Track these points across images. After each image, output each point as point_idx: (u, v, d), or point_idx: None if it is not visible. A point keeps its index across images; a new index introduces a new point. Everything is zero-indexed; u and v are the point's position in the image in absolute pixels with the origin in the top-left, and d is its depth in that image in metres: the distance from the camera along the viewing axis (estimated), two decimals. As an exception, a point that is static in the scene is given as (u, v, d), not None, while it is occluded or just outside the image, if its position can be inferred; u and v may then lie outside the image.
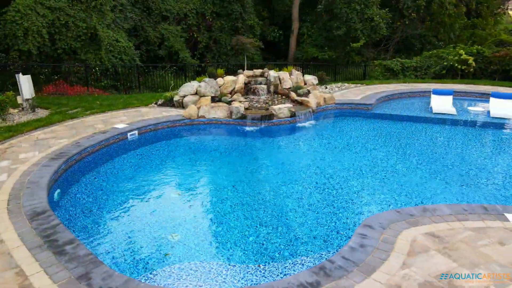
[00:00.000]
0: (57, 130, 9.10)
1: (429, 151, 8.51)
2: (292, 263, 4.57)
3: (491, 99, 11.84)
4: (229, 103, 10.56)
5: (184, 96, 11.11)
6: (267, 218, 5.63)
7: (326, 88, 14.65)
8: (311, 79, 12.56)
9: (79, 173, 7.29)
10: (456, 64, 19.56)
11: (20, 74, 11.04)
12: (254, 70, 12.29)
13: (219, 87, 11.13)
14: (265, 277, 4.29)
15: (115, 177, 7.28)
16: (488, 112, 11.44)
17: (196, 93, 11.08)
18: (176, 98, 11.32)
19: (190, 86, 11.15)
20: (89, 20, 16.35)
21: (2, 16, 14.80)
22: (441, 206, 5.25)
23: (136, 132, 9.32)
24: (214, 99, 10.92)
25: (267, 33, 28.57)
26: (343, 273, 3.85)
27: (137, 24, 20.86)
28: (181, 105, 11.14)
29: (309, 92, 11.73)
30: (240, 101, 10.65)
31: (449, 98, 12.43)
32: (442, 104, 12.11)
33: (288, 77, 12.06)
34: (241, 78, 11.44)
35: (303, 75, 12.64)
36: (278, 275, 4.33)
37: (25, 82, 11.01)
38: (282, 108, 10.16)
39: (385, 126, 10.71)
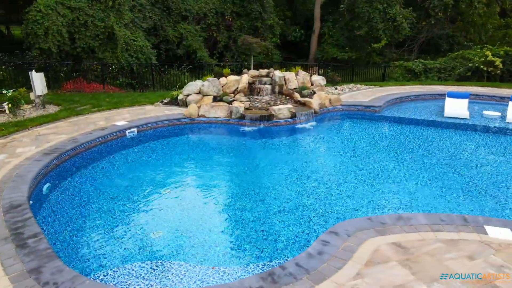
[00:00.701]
0: (60, 126, 9.41)
1: (430, 157, 8.13)
2: (257, 268, 4.47)
3: (510, 103, 11.18)
4: (230, 102, 10.54)
5: (188, 95, 11.20)
6: (233, 224, 5.56)
7: (336, 89, 14.34)
8: (319, 79, 12.33)
9: (72, 168, 7.49)
10: (482, 66, 18.65)
11: (33, 72, 11.50)
12: (260, 70, 12.21)
13: (222, 86, 11.13)
14: (218, 280, 4.23)
15: (107, 173, 7.43)
16: (505, 117, 10.80)
17: (199, 92, 11.14)
18: (180, 97, 11.43)
19: (194, 85, 11.22)
20: (107, 19, 16.82)
21: (25, 15, 15.50)
22: (418, 215, 4.99)
23: (135, 129, 9.47)
24: (216, 99, 10.93)
25: (288, 33, 28.38)
26: (291, 280, 3.72)
27: (157, 23, 21.25)
28: (185, 103, 11.23)
29: (314, 93, 11.53)
30: (241, 101, 10.61)
31: (465, 102, 11.83)
32: (455, 108, 11.55)
33: (294, 78, 11.90)
34: (244, 78, 11.39)
35: (311, 76, 12.43)
36: (234, 278, 4.26)
37: (37, 79, 11.46)
38: (282, 109, 10.03)
39: (391, 130, 10.35)
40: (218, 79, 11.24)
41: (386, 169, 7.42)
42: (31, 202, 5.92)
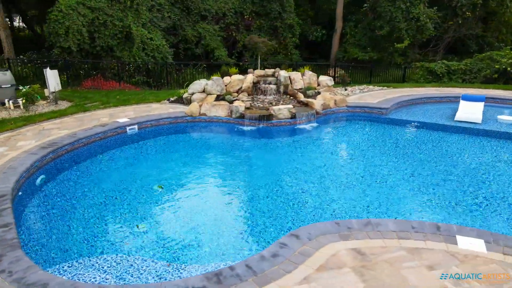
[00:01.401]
0: (65, 122, 9.76)
1: (429, 163, 7.79)
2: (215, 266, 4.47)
3: (528, 107, 10.56)
4: (231, 102, 10.57)
5: (192, 94, 11.32)
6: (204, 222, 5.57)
7: (345, 90, 14.04)
8: (326, 80, 12.13)
9: (66, 162, 7.74)
10: (509, 68, 17.72)
11: (48, 69, 12.00)
12: (266, 70, 12.16)
13: (225, 85, 11.18)
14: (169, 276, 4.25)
15: (102, 167, 7.64)
16: (521, 122, 10.22)
17: (203, 91, 11.24)
18: (185, 95, 11.58)
19: (198, 84, 11.34)
20: (125, 19, 17.29)
21: (48, 15, 16.19)
22: (388, 221, 4.80)
23: (136, 126, 9.68)
24: (219, 98, 10.99)
25: (310, 33, 28.08)
26: (236, 281, 3.68)
27: (176, 23, 21.63)
28: (190, 102, 11.36)
29: (319, 93, 11.36)
30: (243, 100, 10.61)
31: (480, 105, 11.29)
32: (469, 111, 11.04)
33: (300, 78, 11.77)
34: (249, 78, 11.38)
35: (318, 76, 12.26)
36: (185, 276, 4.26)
37: (51, 77, 11.94)
38: (281, 109, 9.94)
39: (395, 133, 10.02)
40: (223, 78, 11.29)
41: (375, 174, 7.18)
42: (20, 193, 6.21)
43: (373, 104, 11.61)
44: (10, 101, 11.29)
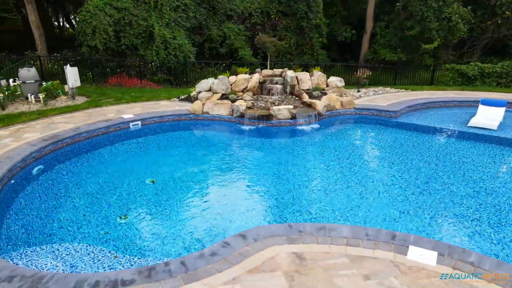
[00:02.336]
0: (75, 116, 10.28)
1: (425, 170, 7.43)
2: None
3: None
4: (234, 101, 10.63)
5: (199, 92, 11.52)
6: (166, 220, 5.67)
7: (358, 91, 13.64)
8: (335, 81, 11.88)
9: (66, 154, 8.15)
10: (549, 72, 16.45)
11: (68, 66, 12.68)
12: (274, 70, 12.11)
13: (231, 85, 11.26)
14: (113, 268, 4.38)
15: (99, 160, 7.97)
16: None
17: (210, 90, 11.39)
18: (193, 93, 11.79)
19: (205, 83, 11.51)
20: (149, 19, 17.87)
21: (78, 15, 17.10)
22: (343, 227, 4.65)
23: (139, 122, 10.00)
24: (223, 97, 11.09)
25: (339, 33, 27.53)
26: (164, 277, 3.74)
27: (202, 23, 22.01)
28: (196, 100, 11.55)
29: (325, 94, 11.14)
30: (245, 100, 10.64)
31: (500, 110, 10.60)
32: (486, 117, 10.40)
33: (308, 78, 11.62)
34: (255, 77, 11.39)
35: (327, 77, 12.04)
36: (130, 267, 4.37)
37: (70, 73, 12.61)
38: (281, 109, 9.87)
39: (400, 137, 9.63)
40: (229, 77, 11.39)
41: (364, 181, 6.94)
42: (12, 181, 6.64)
43: (382, 106, 11.21)
44: (32, 96, 12.04)
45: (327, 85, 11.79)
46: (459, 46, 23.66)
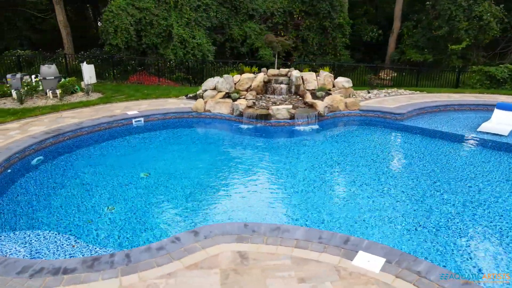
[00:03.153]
0: (83, 111, 10.73)
1: (420, 178, 7.15)
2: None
3: None
4: (235, 100, 10.69)
5: (205, 91, 11.67)
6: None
7: (369, 92, 13.27)
8: (342, 81, 11.65)
9: (66, 147, 8.53)
10: None
11: (84, 63, 13.25)
12: (281, 70, 12.05)
13: (235, 84, 11.32)
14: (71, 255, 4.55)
15: (96, 154, 8.30)
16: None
17: (215, 88, 11.51)
18: (199, 92, 11.97)
19: (211, 82, 11.66)
20: (169, 18, 18.30)
21: (102, 15, 17.82)
22: (299, 228, 4.58)
23: (142, 119, 10.29)
24: (226, 95, 11.18)
25: (365, 33, 26.87)
26: (105, 267, 3.84)
27: (224, 22, 22.24)
28: (202, 98, 11.72)
29: (329, 95, 10.96)
30: (246, 99, 10.66)
31: (516, 115, 9.98)
32: (500, 122, 9.84)
33: (314, 78, 11.48)
34: (259, 77, 11.39)
35: (334, 78, 11.83)
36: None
37: (86, 70, 13.17)
38: (280, 109, 9.81)
39: (402, 141, 9.31)
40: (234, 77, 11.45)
41: (348, 185, 6.78)
42: (9, 170, 7.06)
43: (389, 109, 10.86)
44: (50, 91, 12.69)
45: (334, 86, 11.57)
46: (491, 47, 22.43)
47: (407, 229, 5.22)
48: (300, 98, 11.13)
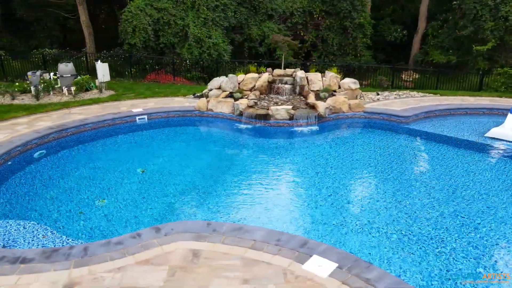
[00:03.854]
0: (91, 108, 11.10)
1: (415, 183, 6.92)
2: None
3: None
4: (237, 99, 10.73)
5: (210, 90, 11.78)
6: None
7: (378, 94, 12.91)
8: (348, 83, 11.42)
9: (68, 142, 8.87)
10: None
11: (98, 62, 13.70)
12: (286, 70, 11.98)
13: (239, 83, 11.36)
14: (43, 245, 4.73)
15: (96, 149, 8.60)
16: None
17: (219, 88, 11.60)
18: (204, 91, 12.09)
19: (216, 81, 11.75)
20: (186, 18, 18.59)
21: (121, 16, 18.35)
22: (259, 229, 4.56)
23: (145, 117, 10.52)
24: (230, 95, 11.24)
25: (388, 33, 26.17)
26: (61, 259, 3.98)
27: (242, 22, 22.33)
28: (207, 97, 11.84)
29: (332, 95, 10.79)
30: (249, 99, 10.66)
31: (531, 121, 9.43)
32: (510, 127, 9.34)
33: (319, 79, 11.34)
34: (263, 77, 11.37)
35: (341, 79, 11.64)
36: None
37: (100, 69, 13.61)
38: (279, 109, 9.76)
39: (403, 145, 9.03)
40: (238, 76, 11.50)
41: (333, 192, 6.64)
42: (9, 162, 7.43)
43: (395, 111, 10.54)
44: (65, 88, 13.21)
45: (339, 87, 11.38)
46: (522, 49, 21.23)
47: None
48: (303, 98, 11.02)
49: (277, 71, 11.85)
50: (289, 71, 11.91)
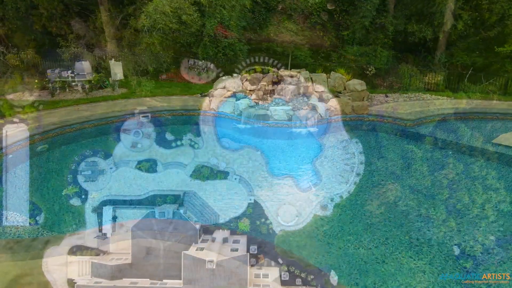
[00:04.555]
0: (99, 105, 11.44)
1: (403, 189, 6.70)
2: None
3: None
4: (239, 99, 10.73)
5: (216, 89, 11.87)
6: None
7: (386, 96, 12.52)
8: (355, 84, 11.15)
9: (70, 138, 9.18)
10: None
11: (112, 60, 14.11)
12: (292, 71, 11.83)
13: (243, 83, 11.37)
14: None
15: (95, 145, 8.86)
16: None
17: (224, 87, 11.67)
18: (210, 90, 12.19)
19: (222, 81, 11.82)
20: (203, 18, 18.78)
21: (139, 16, 18.77)
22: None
23: (149, 115, 10.72)
24: (233, 94, 11.27)
25: (411, 33, 25.30)
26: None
27: (261, 22, 22.32)
28: (212, 97, 11.93)
29: (335, 96, 10.59)
30: (250, 98, 10.64)
31: (546, 127, 8.90)
32: (522, 133, 8.85)
33: (324, 80, 11.16)
34: (268, 77, 11.31)
35: (347, 80, 11.42)
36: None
37: (113, 67, 14.01)
38: (277, 110, 9.69)
39: (404, 149, 8.74)
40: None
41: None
42: (10, 156, 7.80)
43: (400, 114, 10.20)
44: (80, 86, 13.69)
45: (345, 88, 11.15)
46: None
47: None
48: (306, 99, 10.87)
49: (282, 72, 11.75)
50: (293, 72, 11.77)
